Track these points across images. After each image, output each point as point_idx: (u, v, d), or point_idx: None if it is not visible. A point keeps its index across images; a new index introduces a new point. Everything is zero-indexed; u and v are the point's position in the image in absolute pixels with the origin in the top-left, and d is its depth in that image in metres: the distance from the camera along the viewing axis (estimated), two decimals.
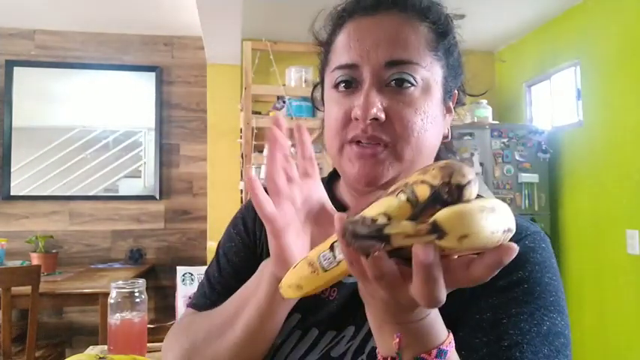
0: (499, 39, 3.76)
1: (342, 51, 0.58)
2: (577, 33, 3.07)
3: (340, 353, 0.57)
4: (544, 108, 3.53)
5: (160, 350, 1.20)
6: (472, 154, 3.12)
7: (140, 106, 3.57)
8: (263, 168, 2.43)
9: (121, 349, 1.02)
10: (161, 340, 1.30)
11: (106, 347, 1.09)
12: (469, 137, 3.18)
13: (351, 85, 0.57)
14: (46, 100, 3.46)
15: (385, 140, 0.55)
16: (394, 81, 0.55)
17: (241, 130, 2.75)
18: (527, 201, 3.16)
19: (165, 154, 3.59)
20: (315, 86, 0.70)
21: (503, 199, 3.12)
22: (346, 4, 0.61)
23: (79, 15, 3.27)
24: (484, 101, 3.54)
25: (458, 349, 0.43)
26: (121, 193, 3.53)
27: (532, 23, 3.41)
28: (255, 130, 2.38)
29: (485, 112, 3.49)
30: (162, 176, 3.56)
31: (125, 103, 3.56)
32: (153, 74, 3.58)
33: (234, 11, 2.63)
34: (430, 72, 0.57)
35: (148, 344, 1.12)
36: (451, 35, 0.59)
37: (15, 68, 3.42)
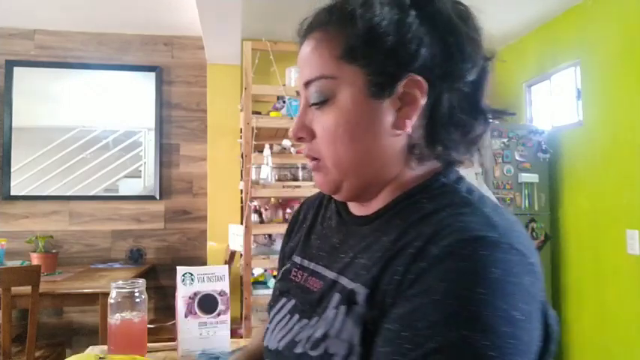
0: (499, 39, 3.76)
1: None
2: (577, 33, 3.07)
3: (299, 340, 0.58)
4: (544, 108, 3.53)
5: (160, 350, 1.20)
6: (472, 154, 3.11)
7: (140, 106, 3.57)
8: (263, 168, 2.43)
9: (121, 349, 1.02)
10: (161, 340, 1.31)
11: (105, 347, 1.09)
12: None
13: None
14: (46, 100, 3.46)
15: (316, 157, 0.60)
16: (312, 99, 0.59)
17: (241, 130, 2.74)
18: (527, 201, 3.16)
19: (166, 154, 3.59)
20: None
21: (504, 199, 3.13)
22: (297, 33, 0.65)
23: (79, 15, 3.27)
24: None
25: None
26: (121, 193, 3.53)
27: (532, 23, 3.41)
28: (255, 130, 2.38)
29: None
30: (162, 176, 3.57)
31: (125, 103, 3.56)
32: (153, 74, 3.58)
33: (234, 11, 2.63)
34: (345, 80, 0.57)
35: (148, 344, 1.12)
36: (374, 29, 0.55)
37: (15, 68, 3.42)
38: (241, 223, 2.60)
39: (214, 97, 3.56)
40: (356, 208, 0.65)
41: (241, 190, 3.03)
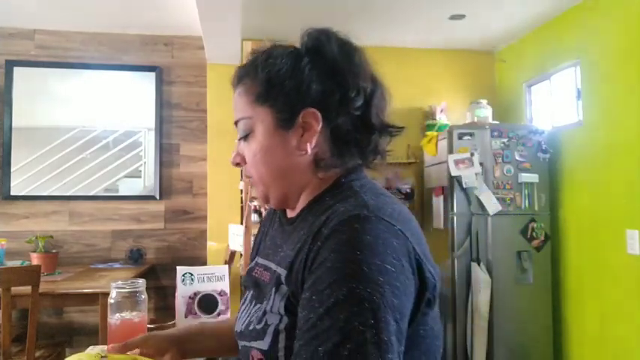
0: (499, 39, 3.76)
1: None
2: (577, 33, 3.07)
3: (249, 321, 0.75)
4: (544, 108, 3.53)
5: None
6: (472, 154, 3.12)
7: (140, 106, 3.57)
8: None
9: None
10: None
11: (105, 347, 1.09)
12: (469, 137, 3.18)
13: None
14: (46, 100, 3.46)
15: (250, 176, 0.79)
16: (239, 135, 0.78)
17: None
18: (527, 201, 3.16)
19: (166, 154, 3.59)
20: None
21: (504, 199, 3.13)
22: None
23: (79, 15, 3.27)
24: (484, 101, 3.54)
25: None
26: (121, 193, 3.53)
27: (532, 23, 3.41)
28: None
29: (485, 112, 3.49)
30: (162, 176, 3.57)
31: (125, 103, 3.56)
32: (153, 74, 3.58)
33: (234, 11, 2.63)
34: (259, 118, 0.74)
35: None
36: (272, 78, 0.73)
37: (15, 68, 3.42)
38: (241, 223, 2.60)
39: (214, 97, 3.56)
40: (289, 213, 0.81)
41: (241, 190, 3.03)
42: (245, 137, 0.76)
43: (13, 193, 3.37)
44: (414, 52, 3.92)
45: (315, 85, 0.71)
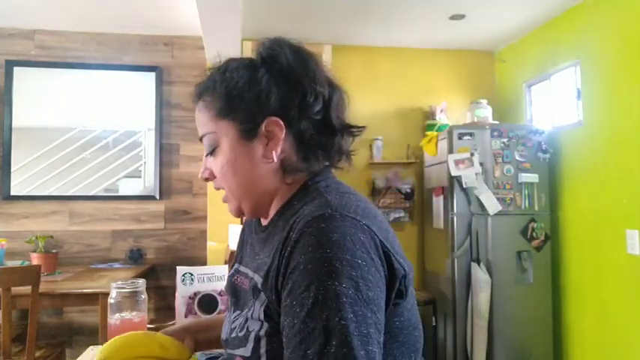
0: (499, 39, 3.76)
1: None
2: (577, 33, 3.07)
3: (233, 329, 0.75)
4: (544, 108, 3.53)
5: None
6: (472, 154, 3.12)
7: (140, 106, 3.57)
8: None
9: None
10: None
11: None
12: (469, 137, 3.18)
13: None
14: (46, 100, 3.46)
15: (222, 188, 0.79)
16: (205, 150, 0.79)
17: None
18: (527, 201, 3.16)
19: (166, 154, 3.59)
20: None
21: (504, 199, 3.13)
22: None
23: (79, 15, 3.27)
24: (484, 101, 3.55)
25: None
26: (121, 193, 3.53)
27: (532, 23, 3.41)
28: None
29: (485, 112, 3.50)
30: (162, 176, 3.57)
31: (125, 103, 3.56)
32: (153, 74, 3.58)
33: (234, 11, 2.63)
34: (222, 132, 0.75)
35: None
36: (229, 92, 0.74)
37: (15, 68, 3.42)
38: (241, 223, 2.59)
39: None
40: (263, 221, 0.82)
41: None
42: (212, 152, 0.78)
43: (13, 193, 3.37)
44: (414, 52, 3.92)
45: (273, 94, 0.73)
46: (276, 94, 0.73)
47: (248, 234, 0.92)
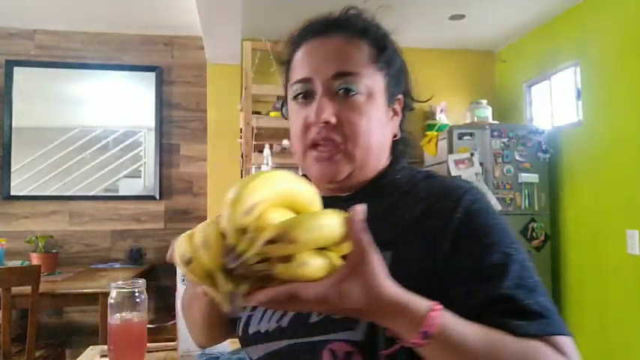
0: (499, 39, 3.76)
1: (299, 68, 0.70)
2: (577, 33, 3.07)
3: (287, 323, 0.66)
4: (544, 108, 3.53)
5: (160, 350, 1.20)
6: (472, 154, 3.12)
7: (140, 106, 3.57)
8: (263, 168, 2.43)
9: (121, 349, 1.02)
10: (161, 340, 1.31)
11: (105, 347, 1.09)
12: (469, 137, 3.18)
13: (307, 96, 0.69)
14: (46, 100, 3.46)
15: (337, 141, 0.66)
16: (342, 90, 0.67)
17: (241, 130, 2.74)
18: (527, 201, 3.16)
19: (166, 154, 3.59)
20: (282, 101, 0.80)
21: (504, 199, 3.13)
22: (301, 29, 0.73)
23: (79, 15, 3.27)
24: (484, 101, 3.54)
25: (450, 305, 0.52)
26: (121, 193, 3.52)
27: (532, 23, 3.41)
28: (255, 130, 2.38)
29: (485, 112, 3.49)
30: (163, 176, 3.56)
31: (125, 103, 3.56)
32: (153, 74, 3.58)
33: (234, 11, 2.63)
34: (372, 81, 0.68)
35: (148, 344, 1.12)
36: (390, 49, 0.71)
37: (15, 68, 3.41)
38: None
39: (214, 97, 3.56)
40: (330, 192, 0.71)
41: None
42: (353, 96, 0.67)
43: (13, 193, 3.37)
44: (413, 52, 3.87)
45: (405, 75, 0.76)
46: (407, 76, 0.77)
47: None
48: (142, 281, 1.06)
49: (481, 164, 3.11)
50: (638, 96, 2.58)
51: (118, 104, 3.54)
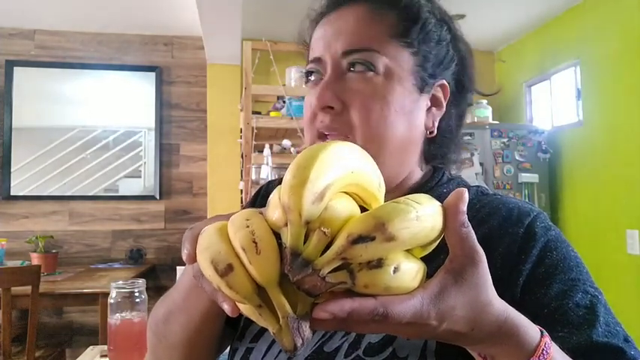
0: (499, 39, 3.76)
1: (313, 46, 0.59)
2: (577, 33, 3.07)
3: (334, 348, 0.52)
4: (544, 108, 3.53)
5: None
6: (472, 154, 3.12)
7: (140, 106, 3.57)
8: (263, 168, 2.43)
9: (121, 349, 1.02)
10: None
11: (105, 347, 1.09)
12: (469, 137, 3.18)
13: (316, 77, 0.58)
14: (46, 100, 3.46)
15: (342, 131, 0.54)
16: (352, 68, 0.55)
17: (241, 130, 2.74)
18: (527, 201, 3.16)
19: (166, 154, 3.59)
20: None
21: None
22: (321, 5, 0.62)
23: (79, 15, 3.27)
24: (484, 101, 3.54)
25: None
26: (121, 193, 3.52)
27: (532, 23, 3.41)
28: (255, 130, 2.38)
29: (485, 112, 3.49)
30: (163, 176, 3.56)
31: (125, 103, 3.56)
32: (153, 74, 3.58)
33: (234, 11, 2.63)
34: (395, 60, 0.55)
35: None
36: (427, 23, 0.57)
37: (15, 68, 3.42)
38: None
39: (214, 97, 3.56)
40: None
41: (241, 190, 3.03)
42: (366, 74, 0.54)
43: (13, 193, 3.37)
44: None
45: (454, 60, 0.60)
46: (455, 62, 0.61)
47: None
48: (141, 281, 1.07)
49: (481, 164, 3.11)
50: (637, 96, 2.58)
51: (118, 104, 3.54)
